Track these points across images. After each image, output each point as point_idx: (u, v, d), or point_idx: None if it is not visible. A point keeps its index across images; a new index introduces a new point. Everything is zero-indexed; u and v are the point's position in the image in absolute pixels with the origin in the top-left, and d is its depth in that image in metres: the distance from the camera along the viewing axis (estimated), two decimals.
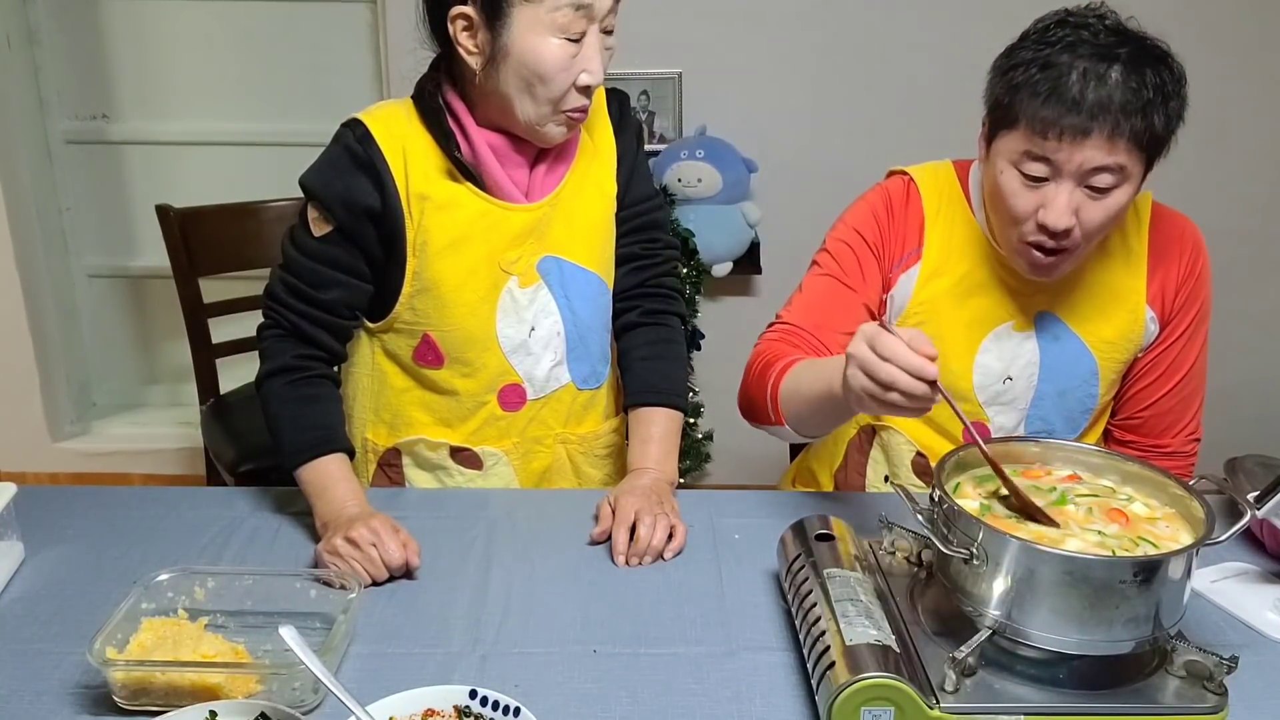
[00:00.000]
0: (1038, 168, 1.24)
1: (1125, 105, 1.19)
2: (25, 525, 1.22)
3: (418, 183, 1.32)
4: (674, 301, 1.52)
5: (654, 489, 1.31)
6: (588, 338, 1.45)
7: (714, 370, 2.91)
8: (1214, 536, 0.92)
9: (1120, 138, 1.20)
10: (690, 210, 2.79)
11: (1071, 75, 1.20)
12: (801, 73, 2.85)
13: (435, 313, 1.37)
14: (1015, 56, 1.26)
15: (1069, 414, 1.45)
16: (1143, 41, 1.25)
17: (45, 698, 0.98)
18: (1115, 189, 1.24)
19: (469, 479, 1.47)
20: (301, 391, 1.33)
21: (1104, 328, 1.42)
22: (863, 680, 0.88)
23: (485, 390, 1.42)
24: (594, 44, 1.26)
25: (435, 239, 1.33)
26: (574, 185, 1.40)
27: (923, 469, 1.48)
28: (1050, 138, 1.21)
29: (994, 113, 1.30)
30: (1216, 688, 0.92)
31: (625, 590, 1.17)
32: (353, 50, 2.93)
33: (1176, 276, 1.42)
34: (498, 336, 1.39)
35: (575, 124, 1.32)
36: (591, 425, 1.51)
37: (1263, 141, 2.90)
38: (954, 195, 1.43)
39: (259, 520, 1.31)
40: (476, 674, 1.01)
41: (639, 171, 1.47)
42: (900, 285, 1.44)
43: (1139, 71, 1.21)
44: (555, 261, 1.40)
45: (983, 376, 1.43)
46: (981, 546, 0.93)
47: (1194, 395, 1.48)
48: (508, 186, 1.35)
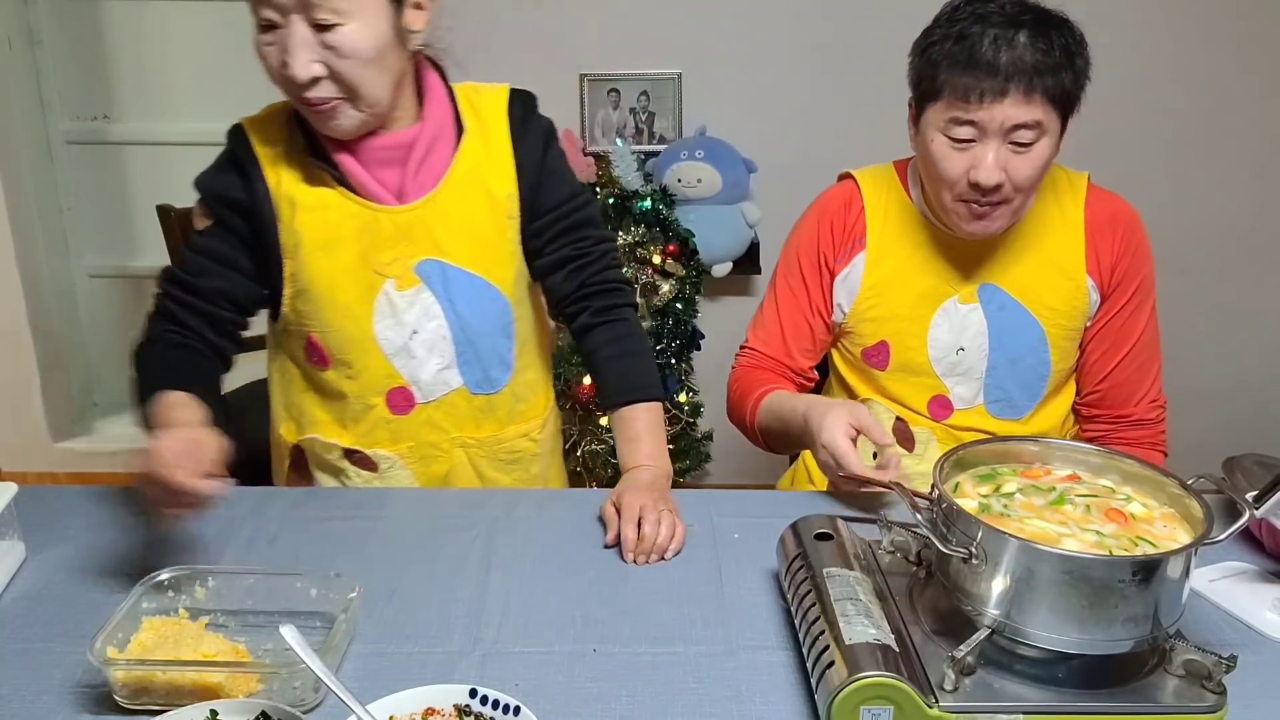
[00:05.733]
0: (964, 130, 1.35)
1: (1037, 65, 1.31)
2: (26, 525, 1.22)
3: (288, 184, 1.33)
4: (621, 294, 1.48)
5: (655, 485, 1.32)
6: (477, 342, 1.42)
7: (714, 370, 2.91)
8: (1213, 536, 0.93)
9: (1035, 93, 1.32)
10: (690, 210, 2.80)
11: (984, 42, 1.32)
12: (801, 73, 2.85)
13: (314, 314, 1.38)
14: (931, 36, 1.39)
15: (1024, 381, 1.53)
16: (1045, 10, 1.36)
17: (46, 697, 0.98)
18: (1036, 143, 1.35)
19: (366, 480, 1.46)
20: (168, 355, 1.35)
21: (1047, 294, 1.50)
22: (862, 679, 0.89)
23: (371, 393, 1.42)
24: (293, 36, 1.21)
25: (306, 241, 1.34)
26: (455, 187, 1.37)
27: (903, 433, 1.57)
28: (972, 100, 1.33)
29: (918, 89, 1.42)
30: (1215, 687, 0.92)
31: (625, 590, 1.17)
32: None
33: (1113, 250, 1.50)
34: (376, 339, 1.38)
35: (323, 115, 1.26)
36: (491, 429, 1.48)
37: (1262, 141, 2.91)
38: (892, 187, 1.56)
39: (259, 520, 1.31)
40: (476, 673, 1.01)
41: (553, 176, 1.43)
42: (850, 272, 1.55)
43: (1045, 35, 1.33)
44: (437, 264, 1.38)
45: (936, 349, 1.53)
46: (980, 546, 0.93)
47: (1149, 363, 1.56)
48: (374, 188, 1.33)
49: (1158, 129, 2.86)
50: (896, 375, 1.55)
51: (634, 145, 2.86)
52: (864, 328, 1.55)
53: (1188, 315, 3.02)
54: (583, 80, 2.88)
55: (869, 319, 1.55)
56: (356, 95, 1.25)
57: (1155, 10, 2.79)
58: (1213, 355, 3.03)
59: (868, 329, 1.55)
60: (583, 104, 2.91)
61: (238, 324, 1.40)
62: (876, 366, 1.56)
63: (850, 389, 1.62)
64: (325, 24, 1.20)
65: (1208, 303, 3.00)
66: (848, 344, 1.60)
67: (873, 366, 1.57)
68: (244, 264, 1.36)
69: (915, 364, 1.54)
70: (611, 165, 2.74)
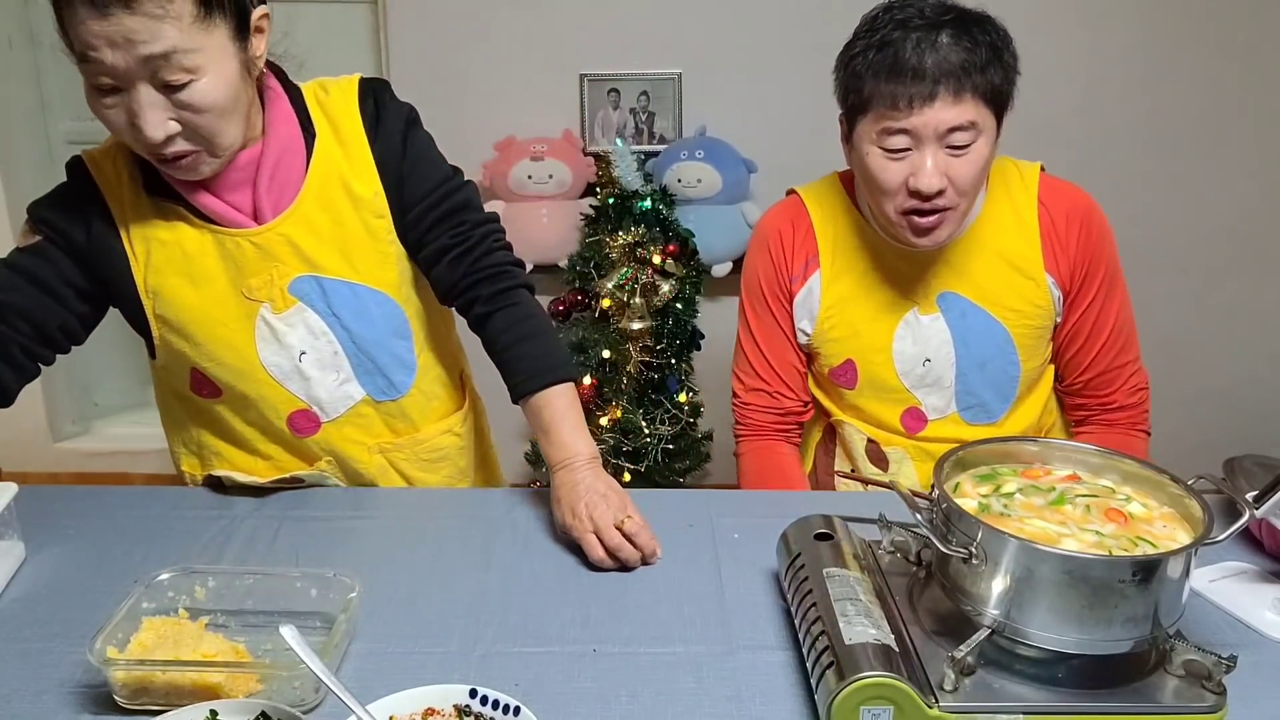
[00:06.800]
0: (898, 140, 1.33)
1: (964, 64, 1.29)
2: (26, 525, 1.22)
3: (138, 221, 1.27)
4: (510, 276, 1.38)
5: (592, 486, 1.25)
6: (371, 351, 1.37)
7: (714, 370, 2.92)
8: (1213, 536, 0.93)
9: (965, 93, 1.29)
10: (690, 210, 2.80)
11: (906, 47, 1.30)
12: (801, 73, 2.84)
13: (192, 350, 1.32)
14: (852, 48, 1.37)
15: (995, 384, 1.52)
16: (964, 9, 1.34)
17: (46, 697, 0.98)
18: (974, 144, 1.32)
19: None
20: None
21: (1007, 296, 1.48)
22: (862, 679, 0.89)
23: (273, 418, 1.37)
24: (140, 99, 1.12)
25: (168, 277, 1.28)
26: (315, 197, 1.30)
27: (876, 455, 1.57)
28: (902, 108, 1.30)
29: (846, 103, 1.39)
30: (1215, 687, 0.92)
31: (625, 590, 1.17)
32: (353, 50, 2.93)
33: (1070, 249, 1.47)
34: (264, 366, 1.33)
35: (181, 167, 1.20)
36: (407, 432, 1.44)
37: (1260, 141, 2.91)
38: (839, 202, 1.53)
39: (259, 520, 1.31)
40: (476, 673, 1.01)
41: (417, 166, 1.34)
42: (807, 293, 1.54)
43: (968, 32, 1.31)
44: (312, 280, 1.31)
45: (903, 363, 1.51)
46: (980, 546, 0.93)
47: (1126, 349, 1.54)
48: (227, 212, 1.27)
49: (1158, 129, 2.86)
50: (866, 393, 1.54)
51: (634, 145, 2.86)
52: (828, 348, 1.54)
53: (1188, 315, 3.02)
54: (583, 80, 2.88)
55: (831, 339, 1.54)
56: (214, 145, 1.19)
57: (1155, 10, 2.79)
58: (1213, 355, 3.03)
59: (831, 349, 1.54)
60: (583, 104, 2.91)
61: (26, 349, 1.28)
62: (845, 385, 1.55)
63: (824, 409, 1.62)
64: (175, 84, 1.12)
65: (1208, 303, 3.00)
66: (815, 366, 1.59)
67: (842, 386, 1.56)
68: (59, 291, 1.27)
69: (883, 379, 1.52)
70: (611, 165, 2.74)
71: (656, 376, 2.81)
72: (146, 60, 1.10)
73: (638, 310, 2.73)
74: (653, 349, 2.77)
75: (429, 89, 2.29)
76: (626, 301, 2.73)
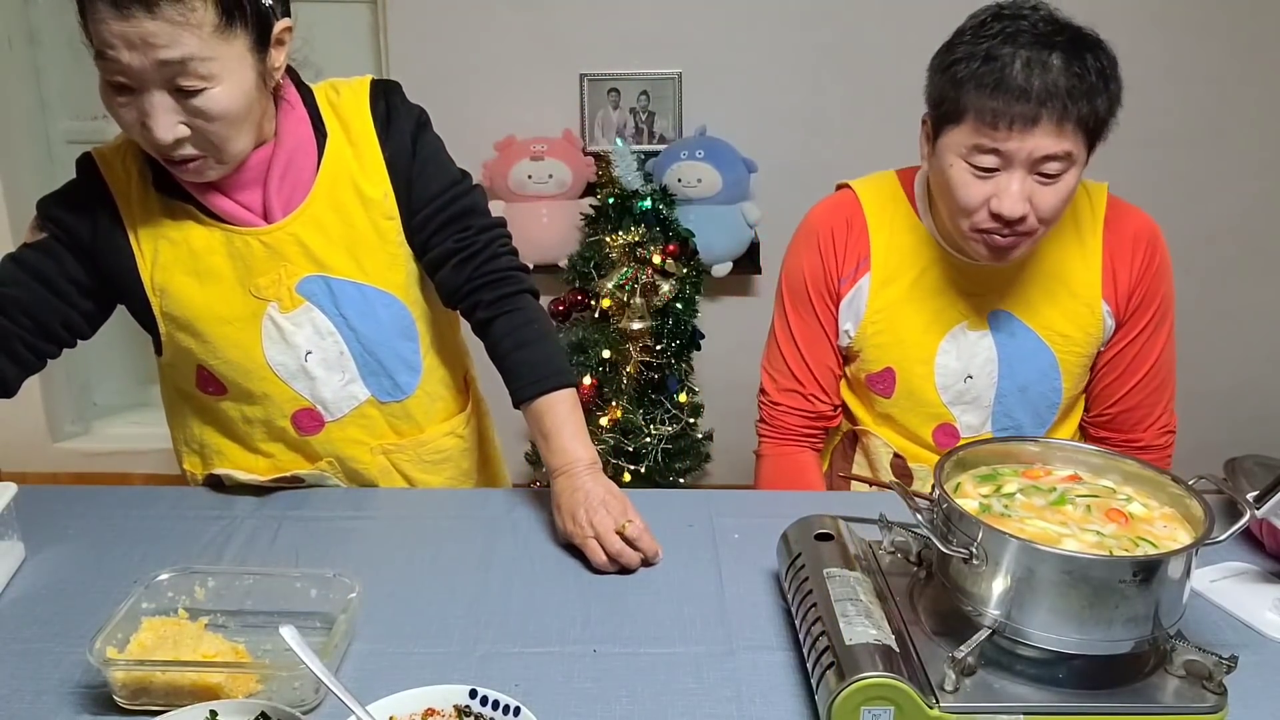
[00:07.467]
0: (988, 159, 1.26)
1: (1071, 90, 1.22)
2: (26, 525, 1.22)
3: (147, 220, 1.27)
4: (514, 281, 1.38)
5: (593, 492, 1.24)
6: (378, 352, 1.37)
7: (714, 370, 2.92)
8: (1213, 536, 0.92)
9: (1068, 122, 1.23)
10: (690, 210, 2.80)
11: (1015, 64, 1.22)
12: (801, 73, 2.85)
13: (199, 347, 1.32)
14: (955, 52, 1.28)
15: (1034, 409, 1.48)
16: (1078, 29, 1.27)
17: (45, 697, 0.98)
18: (1064, 174, 1.26)
19: None
20: None
21: (1059, 321, 1.44)
22: (862, 680, 0.88)
23: (277, 416, 1.37)
24: (153, 102, 1.13)
25: (176, 275, 1.28)
26: (325, 197, 1.30)
27: (901, 470, 1.52)
28: (1000, 128, 1.23)
29: (938, 109, 1.32)
30: (1216, 687, 0.92)
31: (625, 590, 1.17)
32: (353, 50, 2.93)
33: (1132, 274, 1.43)
34: (270, 365, 1.33)
35: (188, 171, 1.21)
36: (411, 434, 1.44)
37: (1261, 141, 2.91)
38: (898, 203, 1.47)
39: (259, 520, 1.31)
40: (476, 673, 1.01)
41: (427, 168, 1.35)
42: (855, 295, 1.47)
43: (1079, 57, 1.24)
44: (320, 280, 1.32)
45: (944, 377, 1.46)
46: (981, 546, 0.93)
47: (1162, 389, 1.50)
48: (237, 212, 1.27)
49: (1158, 129, 2.86)
50: (902, 404, 1.49)
51: (634, 145, 2.86)
52: (870, 353, 1.49)
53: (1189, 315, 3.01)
54: (583, 80, 2.88)
55: (875, 344, 1.48)
56: (223, 152, 1.19)
57: (1155, 10, 2.79)
58: (1214, 355, 3.03)
59: (873, 354, 1.49)
60: (583, 104, 2.91)
61: (28, 343, 1.28)
62: (882, 394, 1.50)
63: (853, 416, 1.57)
64: (189, 90, 1.13)
65: (1209, 303, 2.99)
66: (851, 369, 1.54)
67: (878, 393, 1.51)
68: (62, 287, 1.28)
69: (921, 392, 1.47)
70: (611, 165, 2.74)
71: (656, 376, 2.81)
72: (163, 65, 1.10)
73: (638, 310, 2.73)
74: (653, 349, 2.77)
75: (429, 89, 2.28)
76: (626, 301, 2.73)
